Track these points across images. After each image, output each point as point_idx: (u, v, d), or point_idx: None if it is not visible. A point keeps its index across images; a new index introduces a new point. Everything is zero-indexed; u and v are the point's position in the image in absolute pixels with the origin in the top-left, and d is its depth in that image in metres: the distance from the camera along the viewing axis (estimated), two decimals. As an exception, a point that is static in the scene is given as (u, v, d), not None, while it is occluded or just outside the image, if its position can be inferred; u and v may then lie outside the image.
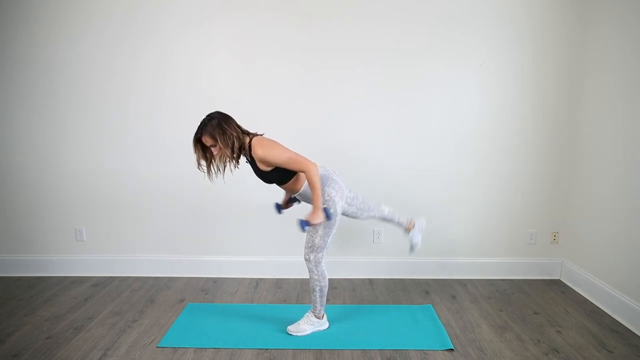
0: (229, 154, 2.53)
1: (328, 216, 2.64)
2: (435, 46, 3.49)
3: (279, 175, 2.63)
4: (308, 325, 2.84)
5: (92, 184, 3.70)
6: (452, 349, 2.68)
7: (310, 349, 2.68)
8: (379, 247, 3.75)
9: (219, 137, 2.50)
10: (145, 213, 3.73)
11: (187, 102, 3.57)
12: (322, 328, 2.89)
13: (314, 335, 2.83)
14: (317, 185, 2.56)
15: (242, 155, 2.68)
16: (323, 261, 2.79)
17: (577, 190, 3.56)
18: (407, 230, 3.12)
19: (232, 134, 2.53)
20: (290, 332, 2.83)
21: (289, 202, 3.01)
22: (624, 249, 3.02)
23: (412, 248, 3.15)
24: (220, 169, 2.64)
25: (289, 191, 2.78)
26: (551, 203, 3.69)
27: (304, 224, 2.59)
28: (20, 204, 3.74)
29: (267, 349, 2.68)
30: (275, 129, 3.03)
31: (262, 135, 2.67)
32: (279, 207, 2.98)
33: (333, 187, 2.71)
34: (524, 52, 3.49)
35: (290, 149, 2.62)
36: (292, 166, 2.57)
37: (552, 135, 3.59)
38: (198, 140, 2.59)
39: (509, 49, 3.49)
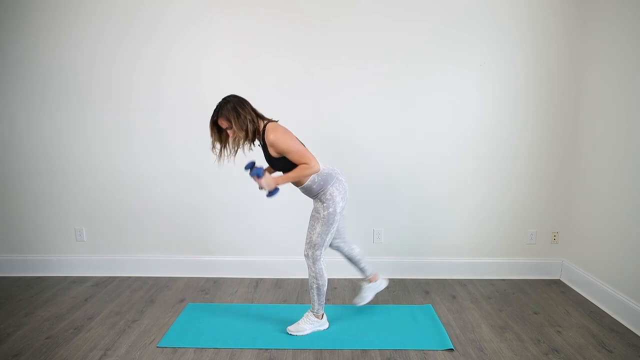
0: (242, 136, 2.57)
1: (271, 193, 2.65)
2: (436, 45, 3.49)
3: (285, 164, 2.64)
4: (308, 324, 2.84)
5: (92, 183, 3.70)
6: (452, 349, 2.68)
7: (310, 349, 2.68)
8: (379, 247, 3.75)
9: (234, 120, 2.54)
10: (145, 213, 3.73)
11: (188, 102, 3.57)
12: (322, 328, 2.89)
13: (314, 335, 2.83)
14: (298, 178, 2.61)
15: (256, 139, 2.68)
16: (322, 259, 2.79)
17: (577, 190, 3.56)
18: (369, 281, 3.09)
19: (246, 117, 2.56)
20: (290, 332, 2.83)
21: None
22: (624, 249, 3.02)
23: (359, 299, 3.07)
24: (233, 152, 2.67)
25: (293, 183, 2.75)
26: (551, 203, 3.69)
27: (258, 170, 2.60)
28: (21, 204, 3.74)
29: (267, 349, 2.68)
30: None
31: (277, 121, 2.68)
32: (252, 166, 2.71)
33: (336, 187, 2.72)
34: (525, 52, 3.49)
35: (300, 149, 2.61)
36: (296, 158, 2.58)
37: (552, 135, 3.59)
38: (214, 123, 2.62)
39: (510, 48, 3.49)
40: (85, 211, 3.75)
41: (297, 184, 2.73)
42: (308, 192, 2.74)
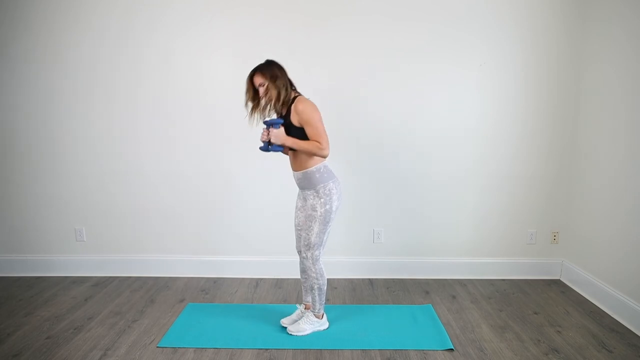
0: (274, 95, 2.60)
1: (272, 147, 2.66)
2: (436, 45, 3.49)
3: (302, 137, 2.63)
4: (308, 325, 2.84)
5: (92, 184, 3.70)
6: (452, 349, 2.68)
7: (310, 349, 2.68)
8: (379, 247, 3.75)
9: (271, 78, 2.59)
10: (145, 213, 3.73)
11: (188, 102, 3.57)
12: (322, 328, 2.89)
13: (314, 335, 2.83)
14: (305, 151, 2.61)
15: (283, 107, 2.67)
16: (321, 259, 2.79)
17: (577, 190, 3.56)
18: (305, 307, 2.91)
19: (281, 80, 2.62)
20: (290, 332, 2.83)
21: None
22: (624, 249, 3.02)
23: (287, 320, 2.93)
24: (261, 113, 2.68)
25: (296, 163, 2.72)
26: (551, 203, 3.69)
27: (276, 120, 2.60)
28: (21, 204, 3.74)
29: (267, 349, 2.68)
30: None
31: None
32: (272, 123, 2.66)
33: (336, 185, 2.72)
34: (525, 52, 3.49)
35: (321, 128, 2.61)
36: (314, 133, 2.59)
37: (552, 135, 3.59)
38: (252, 79, 2.65)
39: (510, 48, 3.49)
40: (85, 211, 3.75)
41: (299, 167, 2.70)
42: (308, 179, 2.70)
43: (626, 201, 3.00)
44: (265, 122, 2.66)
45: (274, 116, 2.73)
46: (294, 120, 2.62)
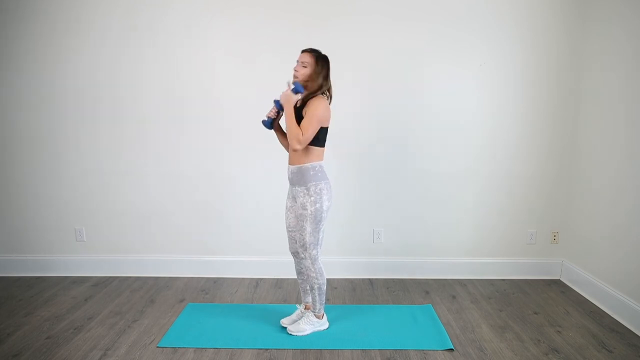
0: (307, 72, 2.68)
1: (271, 119, 2.77)
2: (436, 45, 3.49)
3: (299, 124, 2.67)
4: (308, 325, 2.84)
5: (92, 184, 3.70)
6: (452, 349, 2.68)
7: (310, 349, 2.68)
8: (379, 247, 3.75)
9: (315, 67, 2.69)
10: (145, 213, 3.73)
11: (187, 102, 3.57)
12: (322, 328, 2.89)
13: (314, 335, 2.83)
14: (288, 129, 2.63)
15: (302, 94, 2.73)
16: (320, 259, 2.79)
17: (577, 190, 3.56)
18: (305, 307, 2.92)
19: (321, 75, 2.69)
20: (290, 332, 2.83)
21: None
22: (624, 249, 3.02)
23: (287, 320, 2.93)
24: (289, 83, 2.75)
25: (294, 157, 2.73)
26: (551, 203, 3.69)
27: (298, 86, 2.68)
28: (21, 204, 3.74)
29: (267, 349, 2.69)
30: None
31: (329, 102, 2.75)
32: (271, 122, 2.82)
33: (327, 186, 2.72)
34: (525, 52, 3.49)
35: (313, 125, 2.61)
36: (303, 124, 2.61)
37: (552, 135, 3.59)
38: (304, 52, 2.74)
39: (510, 48, 3.49)
40: (86, 211, 3.75)
41: (296, 161, 2.70)
42: (302, 174, 2.69)
43: (626, 201, 3.00)
44: (274, 101, 2.74)
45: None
46: (304, 110, 2.66)
